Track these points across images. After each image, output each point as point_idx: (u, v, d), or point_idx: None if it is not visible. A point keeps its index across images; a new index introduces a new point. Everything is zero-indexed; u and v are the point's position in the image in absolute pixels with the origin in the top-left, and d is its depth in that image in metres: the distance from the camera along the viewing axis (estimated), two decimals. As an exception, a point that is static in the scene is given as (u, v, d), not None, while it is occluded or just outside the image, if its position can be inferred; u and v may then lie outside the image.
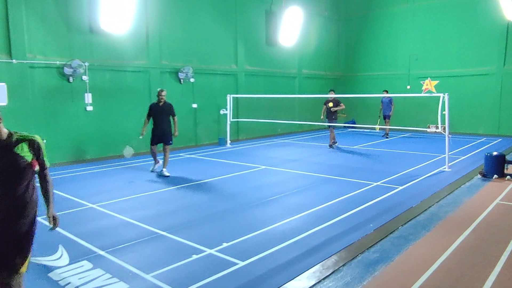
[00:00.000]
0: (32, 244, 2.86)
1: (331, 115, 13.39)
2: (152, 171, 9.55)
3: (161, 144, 9.31)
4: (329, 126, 13.72)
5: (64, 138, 11.02)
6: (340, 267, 4.37)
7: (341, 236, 5.26)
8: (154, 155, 9.50)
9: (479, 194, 7.47)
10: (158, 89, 9.33)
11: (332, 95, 13.45)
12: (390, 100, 16.01)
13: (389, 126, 15.98)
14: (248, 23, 16.25)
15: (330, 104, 13.31)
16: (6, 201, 2.71)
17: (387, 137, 16.26)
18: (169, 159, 9.42)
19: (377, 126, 16.12)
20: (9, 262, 2.73)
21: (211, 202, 7.08)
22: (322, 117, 13.78)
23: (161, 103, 9.23)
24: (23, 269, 2.77)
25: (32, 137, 2.86)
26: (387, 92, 15.80)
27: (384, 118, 16.19)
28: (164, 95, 9.21)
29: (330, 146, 13.62)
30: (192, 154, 12.43)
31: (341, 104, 13.42)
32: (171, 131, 9.36)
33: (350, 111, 18.76)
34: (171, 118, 9.37)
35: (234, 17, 15.63)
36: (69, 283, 4.06)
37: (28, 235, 2.82)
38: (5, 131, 2.74)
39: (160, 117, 9.23)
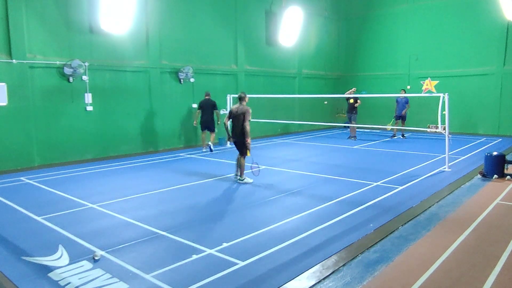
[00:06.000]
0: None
1: (351, 110, 15.33)
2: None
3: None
4: (350, 119, 15.51)
5: (64, 138, 11.02)
6: (340, 267, 4.36)
7: (341, 236, 5.26)
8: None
9: (479, 194, 7.47)
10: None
11: (353, 93, 15.39)
12: (407, 101, 15.39)
13: (399, 126, 15.48)
14: (248, 23, 16.25)
15: (351, 100, 15.21)
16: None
17: (402, 137, 15.92)
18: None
19: (389, 126, 15.57)
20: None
21: (211, 202, 7.08)
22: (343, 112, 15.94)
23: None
24: (248, 154, 8.24)
25: None
26: (404, 91, 14.99)
27: (397, 119, 15.63)
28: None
29: (351, 137, 15.69)
30: (192, 154, 12.43)
31: (358, 100, 15.32)
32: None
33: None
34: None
35: (234, 17, 15.63)
36: (69, 283, 4.06)
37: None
38: None
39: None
